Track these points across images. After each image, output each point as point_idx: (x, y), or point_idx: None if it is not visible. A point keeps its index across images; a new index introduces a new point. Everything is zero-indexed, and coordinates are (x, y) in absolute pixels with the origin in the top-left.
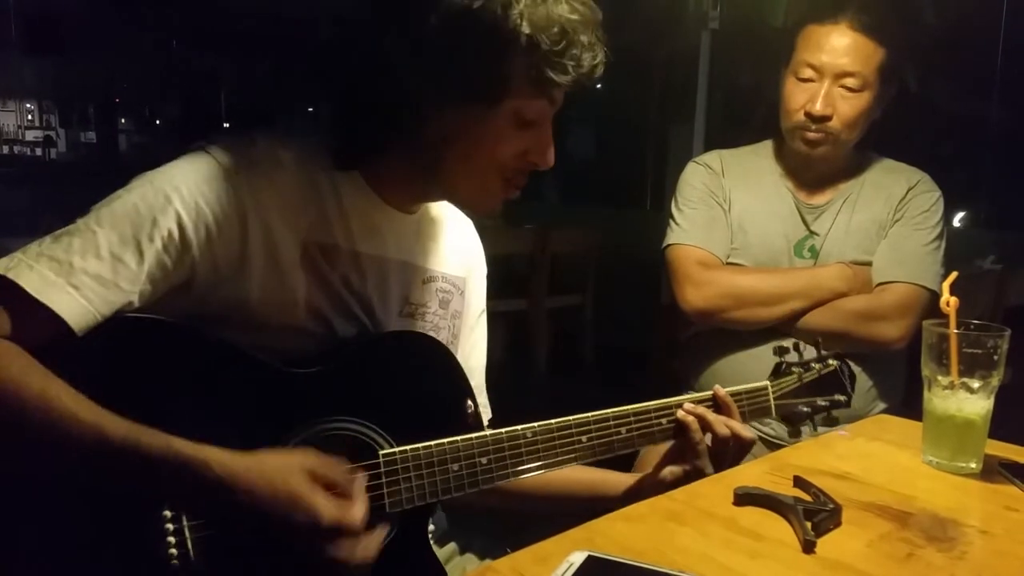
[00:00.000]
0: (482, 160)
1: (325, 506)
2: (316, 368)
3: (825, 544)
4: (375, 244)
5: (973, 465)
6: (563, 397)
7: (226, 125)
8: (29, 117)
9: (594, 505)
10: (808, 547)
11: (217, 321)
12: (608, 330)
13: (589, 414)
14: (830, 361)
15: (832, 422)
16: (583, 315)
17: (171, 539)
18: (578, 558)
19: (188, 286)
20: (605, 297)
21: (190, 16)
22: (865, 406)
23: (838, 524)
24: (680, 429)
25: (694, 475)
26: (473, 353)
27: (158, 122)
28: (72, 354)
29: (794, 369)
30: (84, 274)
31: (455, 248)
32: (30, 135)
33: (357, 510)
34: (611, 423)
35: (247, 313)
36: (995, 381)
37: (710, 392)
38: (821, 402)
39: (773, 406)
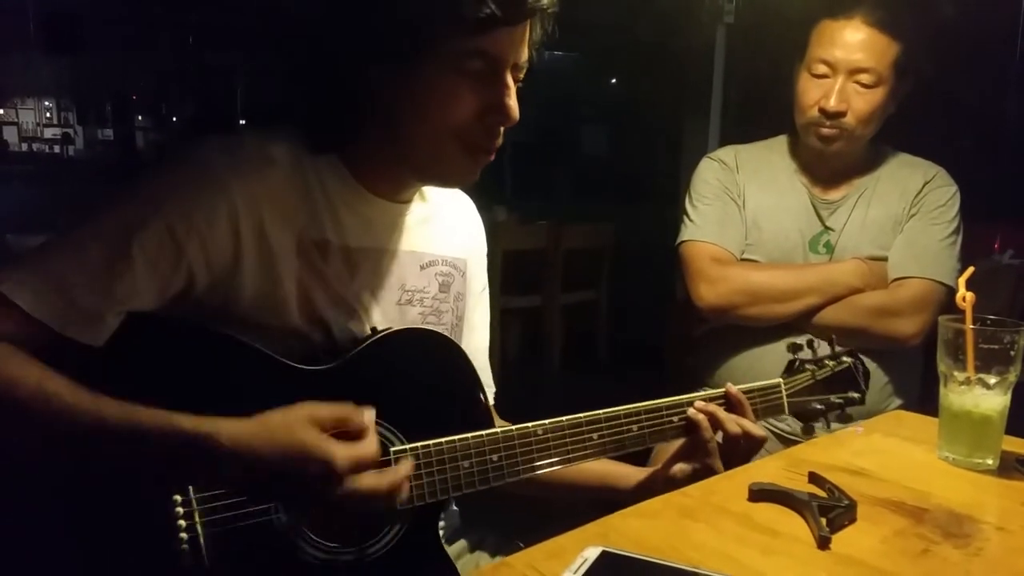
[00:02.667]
0: (437, 123)
1: (338, 450)
2: (326, 365)
3: (840, 540)
4: (366, 237)
5: (990, 461)
6: (577, 393)
7: (243, 122)
8: (47, 115)
9: (604, 496)
10: (823, 543)
11: (216, 323)
12: (622, 326)
13: (600, 411)
14: (844, 358)
15: (846, 419)
16: (597, 311)
17: (182, 523)
18: (592, 553)
19: (187, 291)
20: (619, 293)
21: (206, 14)
22: (881, 402)
23: (853, 520)
24: (691, 427)
25: (704, 473)
26: (476, 332)
27: (175, 119)
28: (74, 354)
29: (807, 366)
30: (77, 287)
31: (454, 230)
32: (48, 133)
33: (369, 443)
34: (622, 420)
35: (242, 314)
36: (1012, 377)
37: (722, 390)
38: (835, 399)
39: (786, 403)
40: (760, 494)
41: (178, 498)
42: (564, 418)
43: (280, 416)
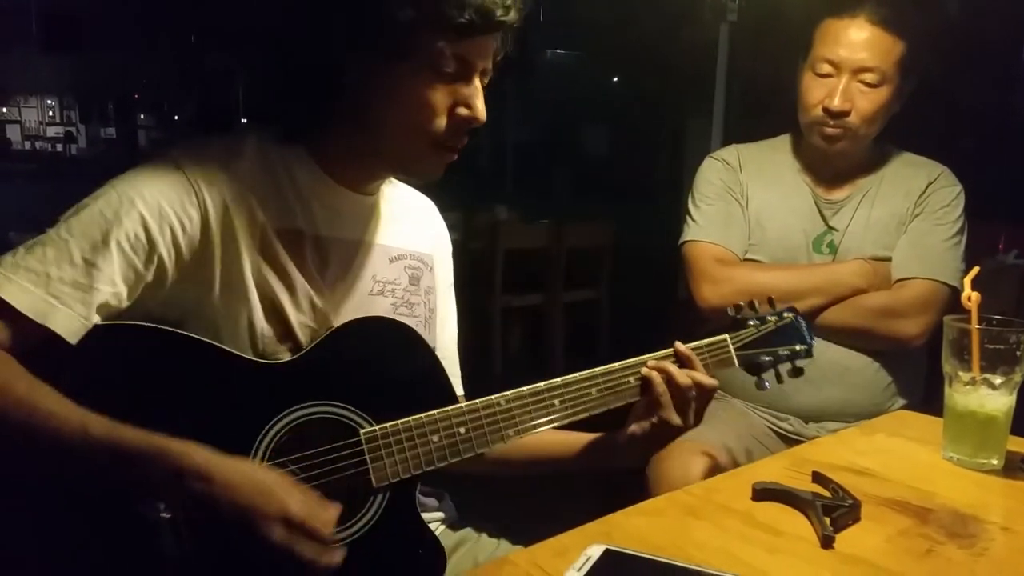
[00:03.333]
0: (407, 118)
1: (298, 501)
2: (290, 358)
3: (844, 539)
4: (336, 227)
5: (995, 461)
6: None
7: (244, 120)
8: (50, 113)
9: (573, 466)
10: (827, 542)
11: (184, 324)
12: (624, 325)
13: (559, 379)
14: (785, 314)
15: (797, 373)
16: (599, 310)
17: (163, 531)
18: (596, 552)
19: (159, 285)
20: (621, 292)
21: (208, 12)
22: (885, 402)
23: (857, 520)
24: (646, 384)
25: (661, 427)
26: (447, 326)
27: (177, 117)
28: (55, 360)
29: (750, 323)
30: (61, 282)
31: (419, 226)
32: (51, 131)
33: (329, 514)
34: (581, 384)
35: (209, 312)
36: (1018, 377)
37: (671, 349)
38: (783, 351)
39: (735, 356)
40: (764, 493)
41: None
42: (525, 388)
43: (253, 462)
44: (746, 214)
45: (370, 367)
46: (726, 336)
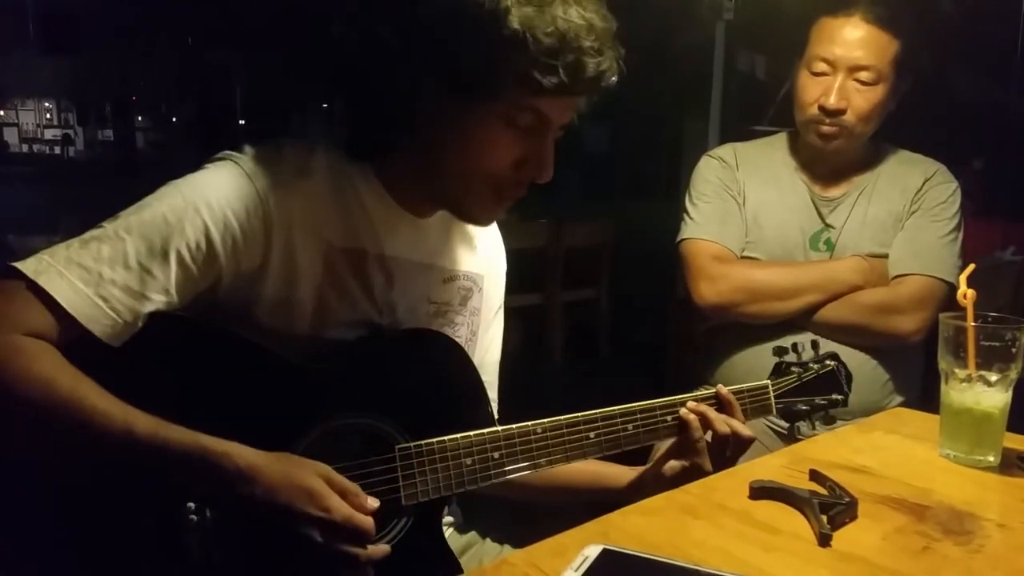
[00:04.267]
0: (474, 163)
1: (338, 504)
2: (332, 364)
3: (841, 537)
4: (399, 247)
5: (991, 458)
6: (578, 391)
7: (241, 122)
8: (48, 116)
9: (598, 497)
10: (824, 540)
11: (226, 324)
12: (623, 324)
13: (597, 411)
14: (827, 362)
15: (830, 421)
16: (598, 309)
17: (193, 531)
18: (593, 551)
19: (211, 293)
20: (620, 291)
21: (205, 14)
22: (882, 399)
23: (854, 517)
24: (683, 426)
25: (693, 471)
26: (490, 349)
27: (174, 119)
28: (98, 350)
29: (793, 369)
30: (112, 285)
31: (473, 246)
32: (49, 134)
33: (367, 519)
34: (618, 420)
35: (256, 318)
36: (1013, 374)
37: (713, 390)
38: (819, 400)
39: (774, 404)
40: (761, 492)
41: (192, 505)
42: (562, 418)
43: (296, 459)
44: (743, 212)
45: (412, 380)
46: (768, 383)
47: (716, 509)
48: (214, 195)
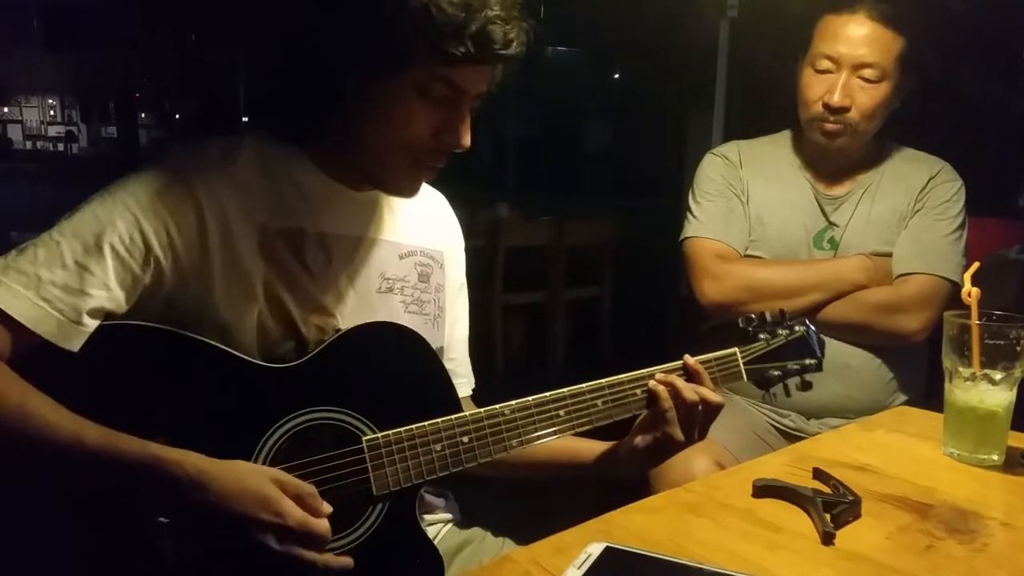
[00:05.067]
0: (393, 135)
1: (292, 509)
2: (295, 362)
3: (844, 536)
4: (339, 224)
5: (995, 457)
6: None
7: (244, 119)
8: (51, 113)
9: (574, 472)
10: (827, 539)
11: (187, 326)
12: (626, 322)
13: (565, 389)
14: (796, 327)
15: (807, 386)
16: (601, 307)
17: (161, 539)
18: (596, 549)
19: (158, 288)
20: (623, 289)
21: (208, 10)
22: (886, 398)
23: (857, 516)
24: (652, 398)
25: (665, 441)
26: (456, 325)
27: (178, 117)
28: (51, 361)
29: (761, 336)
30: (52, 285)
31: (430, 222)
32: (52, 131)
33: (322, 521)
34: (587, 396)
35: (212, 312)
36: (1018, 373)
37: (680, 361)
38: (792, 365)
39: (743, 370)
40: (764, 490)
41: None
42: (531, 398)
43: (249, 465)
44: (747, 210)
45: (374, 373)
46: (735, 350)
47: (719, 507)
48: (142, 189)
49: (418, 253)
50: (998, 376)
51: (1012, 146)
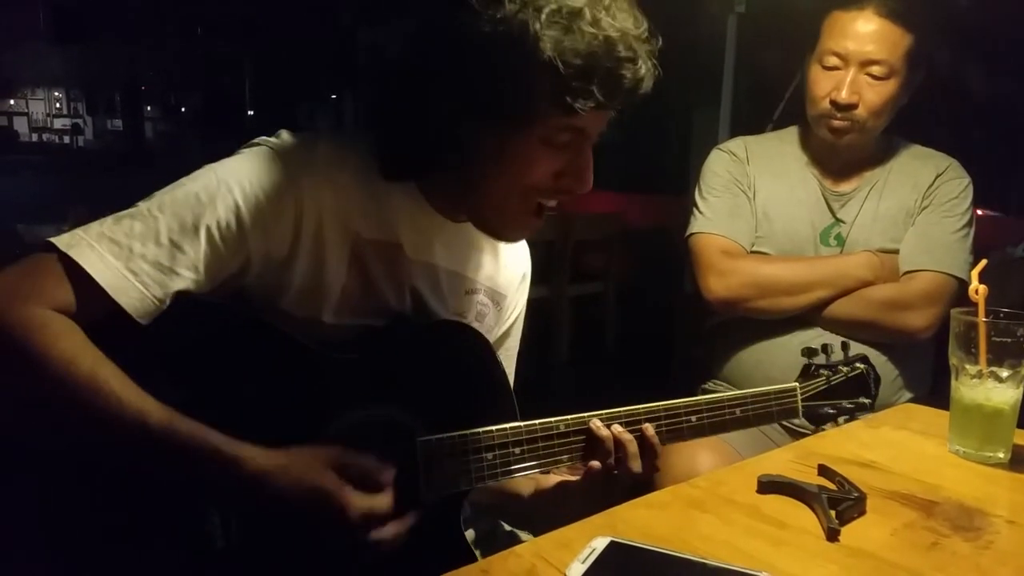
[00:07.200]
0: (514, 182)
1: (352, 501)
2: (357, 354)
3: (849, 532)
4: (427, 251)
5: (1001, 455)
6: (585, 384)
7: (250, 113)
8: (57, 105)
9: (534, 504)
10: (832, 535)
11: (253, 308)
12: (631, 318)
13: (619, 409)
14: (857, 365)
15: (852, 419)
16: (606, 303)
17: (215, 520)
18: (600, 543)
19: (239, 278)
20: (628, 285)
21: (215, 4)
22: (891, 395)
23: (863, 512)
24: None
25: (612, 482)
26: (505, 360)
27: (183, 109)
28: (126, 332)
29: (822, 372)
30: (142, 259)
31: (503, 262)
32: (58, 123)
33: (384, 498)
34: (641, 418)
35: (282, 307)
36: None
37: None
38: (846, 404)
39: (800, 407)
40: (769, 486)
41: None
42: (587, 414)
43: (306, 455)
44: (753, 206)
45: (435, 373)
46: (796, 386)
47: (724, 503)
48: (247, 177)
49: (481, 292)
50: (1005, 373)
51: (1021, 142)
